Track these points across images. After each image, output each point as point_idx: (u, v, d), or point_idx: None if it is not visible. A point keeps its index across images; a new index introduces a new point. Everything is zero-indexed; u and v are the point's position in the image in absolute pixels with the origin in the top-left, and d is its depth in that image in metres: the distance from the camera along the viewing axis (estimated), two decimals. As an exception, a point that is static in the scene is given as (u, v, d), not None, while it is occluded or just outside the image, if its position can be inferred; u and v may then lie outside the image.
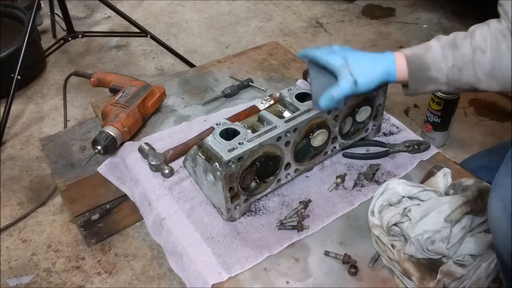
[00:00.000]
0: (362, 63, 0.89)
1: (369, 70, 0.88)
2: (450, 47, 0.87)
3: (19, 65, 1.66)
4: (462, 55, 0.86)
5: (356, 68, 0.87)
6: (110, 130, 1.09)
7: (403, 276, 0.84)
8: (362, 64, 0.88)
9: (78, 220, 1.24)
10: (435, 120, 1.53)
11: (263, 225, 0.95)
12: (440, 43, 0.89)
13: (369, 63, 0.89)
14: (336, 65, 0.87)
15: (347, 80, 0.86)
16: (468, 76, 0.86)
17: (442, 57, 0.87)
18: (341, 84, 0.86)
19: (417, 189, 0.89)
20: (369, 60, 0.90)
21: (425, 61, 0.88)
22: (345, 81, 0.86)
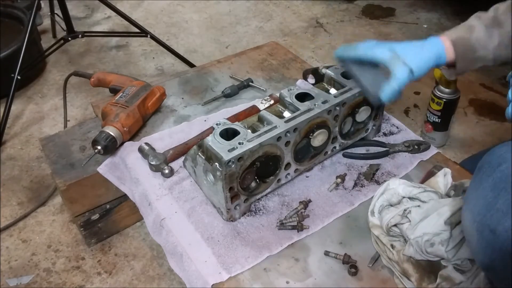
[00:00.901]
0: (411, 51, 0.90)
1: (420, 57, 0.90)
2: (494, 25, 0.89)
3: (19, 65, 1.66)
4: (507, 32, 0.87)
5: (407, 56, 0.88)
6: (110, 130, 1.09)
7: (402, 277, 0.84)
8: (412, 52, 0.90)
9: (78, 220, 1.24)
10: (435, 120, 1.53)
11: (263, 225, 0.95)
12: (483, 22, 0.90)
13: (419, 50, 0.91)
14: (385, 58, 0.89)
15: (403, 70, 0.87)
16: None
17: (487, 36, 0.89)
18: (399, 75, 0.87)
19: (417, 189, 0.89)
20: (417, 47, 0.91)
21: (470, 43, 0.90)
22: (401, 71, 0.87)
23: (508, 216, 0.58)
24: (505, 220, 0.59)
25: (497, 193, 0.61)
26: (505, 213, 0.59)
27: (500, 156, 0.63)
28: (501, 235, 0.59)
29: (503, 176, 0.61)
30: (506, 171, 0.61)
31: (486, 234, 0.61)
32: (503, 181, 0.61)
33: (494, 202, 0.61)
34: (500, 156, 0.63)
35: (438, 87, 1.46)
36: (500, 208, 0.60)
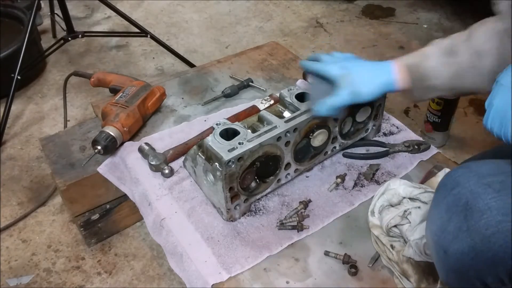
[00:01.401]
0: (362, 73, 0.89)
1: (369, 81, 0.89)
2: (449, 54, 0.86)
3: (19, 65, 1.66)
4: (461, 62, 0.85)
5: (356, 78, 0.88)
6: (110, 130, 1.09)
7: (402, 277, 0.84)
8: (362, 75, 0.89)
9: (78, 220, 1.24)
10: (435, 120, 1.53)
11: (263, 225, 0.95)
12: (438, 51, 0.88)
13: (369, 74, 0.90)
14: (335, 75, 0.89)
15: (346, 90, 0.87)
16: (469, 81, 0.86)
17: (441, 65, 0.86)
18: (340, 94, 0.87)
19: (418, 190, 0.89)
20: (369, 70, 0.91)
21: (424, 71, 0.88)
22: (344, 91, 0.87)
23: (457, 240, 0.62)
24: (455, 243, 0.62)
25: (450, 216, 0.64)
26: (454, 236, 0.62)
27: (454, 180, 0.66)
28: (452, 257, 0.62)
29: (455, 200, 0.64)
30: (458, 195, 0.64)
31: (440, 254, 0.65)
32: (454, 205, 0.64)
33: (447, 224, 0.64)
34: (454, 180, 0.66)
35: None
36: (451, 231, 0.63)
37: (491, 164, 0.66)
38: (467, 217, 0.61)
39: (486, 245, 0.58)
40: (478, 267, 0.60)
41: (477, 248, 0.59)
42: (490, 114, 0.67)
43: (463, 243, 0.61)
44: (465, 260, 0.61)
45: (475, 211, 0.60)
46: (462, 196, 0.63)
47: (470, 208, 0.61)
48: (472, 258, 0.60)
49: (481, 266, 0.60)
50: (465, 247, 0.60)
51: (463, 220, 0.61)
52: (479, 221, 0.59)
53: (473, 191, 0.62)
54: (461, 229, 0.61)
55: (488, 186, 0.61)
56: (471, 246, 0.60)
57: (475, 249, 0.59)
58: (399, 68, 0.89)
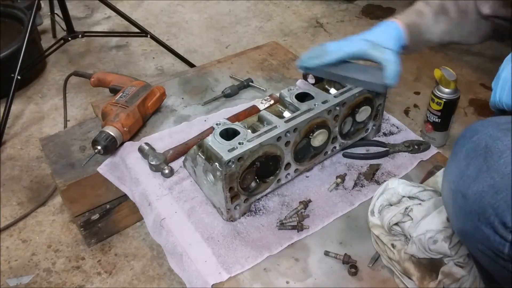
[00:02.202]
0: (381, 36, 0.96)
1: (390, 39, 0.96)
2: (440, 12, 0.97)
3: (19, 65, 1.66)
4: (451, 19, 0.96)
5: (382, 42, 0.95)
6: (110, 130, 1.09)
7: (403, 276, 0.84)
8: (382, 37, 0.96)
9: (78, 220, 1.24)
10: (435, 120, 1.53)
11: (263, 225, 0.95)
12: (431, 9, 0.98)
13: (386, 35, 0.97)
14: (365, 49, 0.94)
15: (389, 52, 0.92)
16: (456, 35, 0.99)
17: (435, 23, 0.98)
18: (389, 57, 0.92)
19: (417, 189, 0.89)
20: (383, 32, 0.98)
21: (420, 28, 0.98)
22: (389, 53, 0.92)
23: (476, 181, 0.62)
24: (474, 185, 0.63)
25: (469, 162, 0.65)
26: (474, 178, 0.63)
27: (474, 129, 0.68)
28: (470, 199, 0.63)
29: (474, 146, 0.65)
30: (477, 141, 0.65)
31: (458, 200, 0.65)
32: (473, 150, 0.65)
33: (466, 169, 0.65)
34: (474, 129, 0.68)
35: (438, 87, 1.46)
36: (470, 174, 0.64)
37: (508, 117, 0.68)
38: (487, 158, 0.62)
39: (505, 183, 0.59)
40: (498, 205, 0.60)
41: (496, 186, 0.60)
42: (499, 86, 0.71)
43: (483, 182, 0.61)
44: (485, 199, 0.61)
45: (495, 152, 0.62)
46: (481, 141, 0.65)
47: (490, 150, 0.63)
48: (492, 195, 0.60)
49: (501, 204, 0.59)
50: (484, 186, 0.61)
51: (483, 162, 0.63)
52: (499, 160, 0.61)
53: (492, 135, 0.64)
54: (481, 170, 0.62)
55: (507, 130, 0.63)
56: (490, 185, 0.60)
57: (495, 187, 0.60)
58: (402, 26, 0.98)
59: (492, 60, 2.03)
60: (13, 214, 1.43)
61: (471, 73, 1.99)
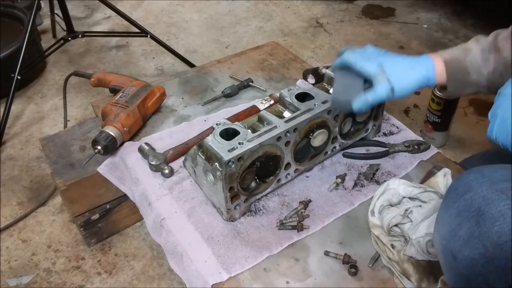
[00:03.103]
0: (399, 69, 0.88)
1: (407, 77, 0.88)
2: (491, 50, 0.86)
3: (19, 65, 1.66)
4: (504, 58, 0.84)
5: (393, 74, 0.87)
6: (110, 130, 1.09)
7: (402, 277, 0.84)
8: (399, 71, 0.88)
9: (78, 220, 1.24)
10: (435, 120, 1.53)
11: (263, 225, 0.95)
12: (480, 46, 0.87)
13: (407, 70, 0.88)
14: (372, 72, 0.88)
15: (384, 87, 0.86)
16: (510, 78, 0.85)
17: (482, 61, 0.86)
18: (378, 90, 0.87)
19: (418, 190, 0.89)
20: (407, 66, 0.89)
21: (464, 65, 0.87)
22: (382, 88, 0.86)
23: (468, 246, 0.61)
24: (465, 249, 0.61)
25: (460, 221, 0.63)
26: (465, 242, 0.61)
27: (467, 184, 0.64)
28: (461, 262, 0.62)
29: (466, 205, 0.63)
30: (469, 200, 0.62)
31: (449, 258, 0.64)
32: (466, 210, 0.62)
33: (457, 229, 0.63)
34: (467, 184, 0.64)
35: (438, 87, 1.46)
36: (462, 236, 0.62)
37: (504, 170, 0.64)
38: (479, 223, 0.60)
39: (497, 253, 0.57)
40: (488, 274, 0.59)
41: (488, 256, 0.58)
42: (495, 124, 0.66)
43: (474, 249, 0.60)
44: (475, 266, 0.60)
45: (488, 217, 0.59)
46: (474, 201, 0.62)
47: (483, 214, 0.60)
48: (483, 265, 0.59)
49: (491, 274, 0.59)
50: (475, 253, 0.59)
51: (475, 226, 0.60)
52: (492, 228, 0.58)
53: (486, 197, 0.61)
54: (472, 235, 0.60)
55: (501, 193, 0.60)
56: (482, 253, 0.59)
57: (486, 257, 0.58)
58: (437, 63, 0.89)
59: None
60: (13, 214, 1.43)
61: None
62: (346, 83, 0.94)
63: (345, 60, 0.93)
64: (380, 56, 0.91)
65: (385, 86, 0.86)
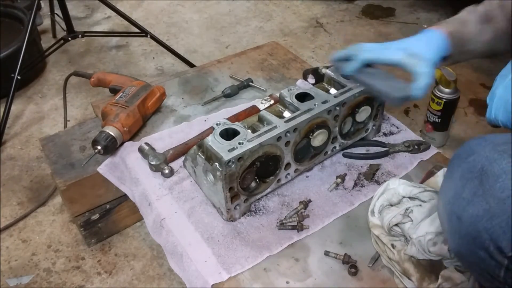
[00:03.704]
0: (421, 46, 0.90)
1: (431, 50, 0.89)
2: (485, 20, 0.89)
3: (19, 65, 1.66)
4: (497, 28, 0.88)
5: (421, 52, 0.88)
6: (110, 130, 1.09)
7: (402, 276, 0.84)
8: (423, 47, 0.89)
9: (78, 220, 1.24)
10: (435, 120, 1.53)
11: (263, 225, 0.95)
12: (475, 18, 0.91)
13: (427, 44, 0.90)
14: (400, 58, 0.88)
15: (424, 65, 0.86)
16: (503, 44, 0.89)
17: (478, 31, 0.89)
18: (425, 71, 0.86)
19: (417, 189, 0.89)
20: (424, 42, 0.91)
21: (464, 37, 0.90)
22: (425, 66, 0.86)
23: (472, 204, 0.62)
24: (469, 208, 0.62)
25: (464, 183, 0.64)
26: (469, 201, 0.63)
27: (470, 149, 0.67)
28: (465, 222, 0.63)
29: (470, 167, 0.65)
30: (473, 162, 0.65)
31: (453, 221, 0.65)
32: (470, 171, 0.64)
33: (461, 191, 0.64)
34: (470, 149, 0.67)
35: (438, 87, 1.46)
36: (466, 197, 0.63)
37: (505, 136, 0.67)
38: (483, 181, 0.62)
39: (501, 208, 0.59)
40: (492, 230, 0.60)
41: (492, 211, 0.59)
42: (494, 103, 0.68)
43: (478, 206, 0.61)
44: (480, 223, 0.61)
45: (491, 175, 0.61)
46: (477, 162, 0.64)
47: (486, 173, 0.62)
48: (487, 220, 0.60)
49: (496, 229, 0.59)
50: (480, 210, 0.61)
51: (478, 185, 0.62)
52: (495, 185, 0.60)
53: (488, 157, 0.63)
54: (476, 194, 0.62)
55: (503, 152, 0.62)
56: (486, 209, 0.60)
57: (490, 212, 0.60)
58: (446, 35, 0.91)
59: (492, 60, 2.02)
60: (13, 214, 1.43)
61: (471, 73, 1.99)
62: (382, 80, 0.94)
63: (366, 58, 0.93)
64: (393, 44, 0.93)
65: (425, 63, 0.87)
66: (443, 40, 0.90)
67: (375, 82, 0.95)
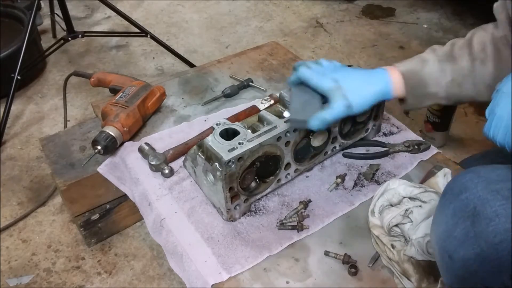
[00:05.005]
0: (355, 84, 0.86)
1: (363, 92, 0.86)
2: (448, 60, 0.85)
3: (19, 65, 1.66)
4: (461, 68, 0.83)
5: (349, 90, 0.85)
6: (110, 130, 1.09)
7: (402, 277, 0.84)
8: (355, 86, 0.86)
9: (78, 220, 1.24)
10: (435, 120, 1.53)
11: (263, 225, 0.95)
12: (436, 57, 0.86)
13: (363, 84, 0.87)
14: (327, 88, 0.86)
15: (341, 103, 0.85)
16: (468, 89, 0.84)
17: (439, 71, 0.85)
18: (335, 107, 0.85)
19: (418, 190, 0.89)
20: (362, 80, 0.88)
21: (422, 77, 0.86)
22: (339, 104, 0.85)
23: (463, 246, 0.61)
24: (460, 249, 0.61)
25: (456, 221, 0.63)
26: (461, 242, 0.61)
27: (462, 185, 0.64)
28: (457, 263, 0.62)
29: (462, 205, 0.63)
30: (465, 200, 0.62)
31: (445, 259, 0.64)
32: (461, 210, 0.62)
33: (453, 229, 0.63)
34: (462, 185, 0.64)
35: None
36: (457, 237, 0.62)
37: (500, 170, 0.64)
38: (475, 223, 0.60)
39: (493, 253, 0.57)
40: (484, 274, 0.59)
41: (483, 255, 0.58)
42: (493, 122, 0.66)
43: (469, 249, 0.60)
44: (471, 266, 0.60)
45: (483, 217, 0.59)
46: (470, 201, 0.62)
47: (478, 214, 0.60)
48: (478, 264, 0.59)
49: (487, 273, 0.59)
50: (471, 253, 0.60)
51: (470, 226, 0.60)
52: (487, 228, 0.58)
53: (481, 197, 0.61)
54: (468, 235, 0.60)
55: (497, 193, 0.60)
56: (477, 253, 0.59)
57: (482, 256, 0.58)
58: (394, 76, 0.87)
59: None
60: (13, 214, 1.43)
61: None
62: (303, 100, 0.89)
63: (300, 75, 0.90)
64: (336, 70, 0.89)
65: (342, 102, 0.84)
66: (387, 85, 0.86)
67: (294, 99, 0.91)
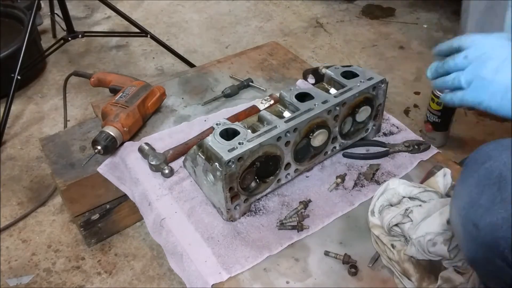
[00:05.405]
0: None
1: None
2: None
3: (19, 65, 1.66)
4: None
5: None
6: (110, 130, 1.09)
7: (402, 276, 0.84)
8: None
9: (78, 220, 1.24)
10: (435, 120, 1.53)
11: (263, 225, 0.95)
12: None
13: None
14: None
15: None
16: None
17: None
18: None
19: (418, 189, 0.89)
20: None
21: None
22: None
23: (490, 212, 0.60)
24: (487, 216, 0.60)
25: (481, 190, 0.63)
26: (487, 208, 0.61)
27: (486, 154, 0.65)
28: (483, 230, 0.61)
29: (487, 173, 0.63)
30: (490, 168, 0.63)
31: (469, 229, 0.63)
32: (486, 178, 0.63)
33: (478, 198, 0.62)
34: (486, 154, 0.65)
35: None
36: (483, 204, 0.61)
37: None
38: (501, 189, 0.60)
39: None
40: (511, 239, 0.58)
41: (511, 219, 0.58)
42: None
43: (496, 214, 0.60)
44: (498, 231, 0.59)
45: (510, 182, 0.59)
46: (495, 168, 0.62)
47: (504, 179, 0.60)
48: (506, 229, 0.58)
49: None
50: (498, 218, 0.59)
51: (497, 192, 0.60)
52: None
53: (507, 163, 0.61)
54: (494, 201, 0.60)
55: None
56: (505, 217, 0.58)
57: (509, 220, 0.58)
58: None
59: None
60: (13, 214, 1.43)
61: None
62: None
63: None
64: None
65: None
66: None
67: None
